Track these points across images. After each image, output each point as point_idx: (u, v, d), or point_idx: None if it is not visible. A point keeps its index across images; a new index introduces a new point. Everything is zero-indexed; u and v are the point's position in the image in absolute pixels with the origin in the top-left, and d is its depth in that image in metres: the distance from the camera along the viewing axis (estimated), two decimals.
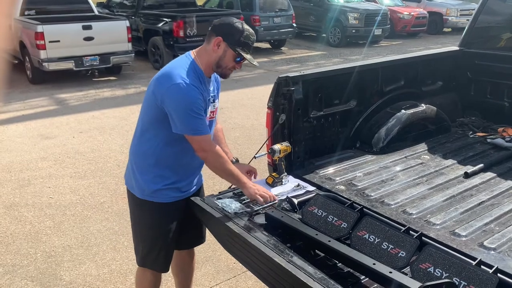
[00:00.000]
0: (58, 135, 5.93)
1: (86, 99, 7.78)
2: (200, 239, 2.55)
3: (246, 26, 2.09)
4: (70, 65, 8.24)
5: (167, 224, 2.24)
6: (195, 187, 2.34)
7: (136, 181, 2.20)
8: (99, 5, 11.84)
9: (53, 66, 8.10)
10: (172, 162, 2.16)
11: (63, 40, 8.12)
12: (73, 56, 8.21)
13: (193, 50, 2.15)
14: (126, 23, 8.89)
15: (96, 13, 9.96)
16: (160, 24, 9.88)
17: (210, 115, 2.18)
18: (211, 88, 2.17)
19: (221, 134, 2.47)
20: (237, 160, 2.42)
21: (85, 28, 8.33)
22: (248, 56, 2.08)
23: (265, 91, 2.86)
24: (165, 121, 2.04)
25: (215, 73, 2.18)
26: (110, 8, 11.85)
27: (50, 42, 7.97)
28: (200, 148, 2.07)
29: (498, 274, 1.64)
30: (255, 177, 2.43)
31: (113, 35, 8.69)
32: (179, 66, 2.05)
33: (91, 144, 5.61)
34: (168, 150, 2.12)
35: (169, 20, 9.69)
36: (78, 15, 9.39)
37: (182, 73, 2.00)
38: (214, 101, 2.21)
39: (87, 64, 8.46)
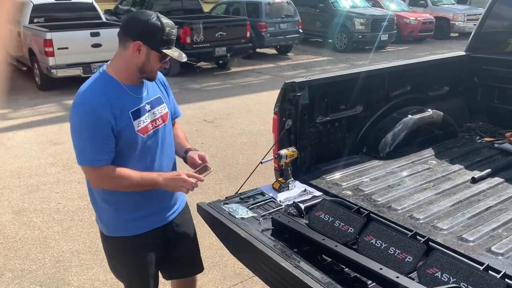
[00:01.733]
0: (66, 141, 5.98)
1: None
2: (198, 267, 2.30)
3: (164, 20, 1.79)
4: (78, 71, 8.31)
5: (142, 259, 2.00)
6: (174, 209, 2.08)
7: (99, 215, 1.98)
8: (106, 12, 11.96)
9: (61, 73, 8.18)
10: (123, 193, 1.87)
11: (72, 47, 8.21)
12: (81, 63, 8.29)
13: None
14: None
15: (104, 20, 10.06)
16: None
17: (151, 125, 1.89)
18: (143, 95, 1.88)
19: (179, 131, 2.20)
20: (191, 149, 2.12)
21: (93, 35, 8.41)
22: (175, 54, 1.81)
23: (272, 96, 2.87)
24: None
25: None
26: (117, 15, 11.98)
27: (58, 49, 8.06)
28: (91, 180, 1.83)
29: (506, 280, 1.63)
30: (205, 160, 2.04)
31: None
32: (85, 85, 1.81)
33: None
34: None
35: (176, 26, 9.74)
36: (86, 22, 9.49)
37: (86, 93, 1.76)
38: (153, 108, 1.91)
39: (95, 70, 8.46)
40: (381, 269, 1.66)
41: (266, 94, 8.19)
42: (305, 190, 2.47)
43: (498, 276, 1.64)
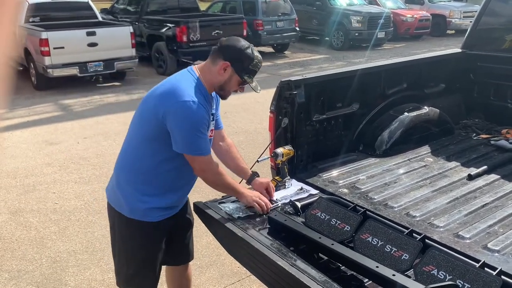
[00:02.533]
0: (62, 141, 5.96)
1: (90, 104, 7.83)
2: (192, 255, 2.43)
3: (256, 53, 2.02)
4: (74, 71, 8.29)
5: (157, 244, 2.15)
6: (185, 200, 2.28)
7: (125, 198, 2.06)
8: (102, 11, 11.90)
9: (57, 72, 8.16)
10: (166, 183, 2.06)
11: (68, 47, 8.18)
12: (77, 62, 8.26)
13: (196, 65, 2.08)
14: (130, 28, 8.94)
15: (100, 19, 10.03)
16: (164, 30, 9.93)
17: (211, 133, 2.12)
18: (212, 107, 2.09)
19: (235, 149, 2.37)
20: (256, 175, 2.34)
21: (89, 34, 8.38)
22: (253, 84, 2.04)
23: (268, 95, 2.86)
24: (165, 138, 1.94)
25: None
26: (113, 14, 11.93)
27: (54, 48, 8.02)
28: (200, 168, 2.02)
29: (502, 276, 1.63)
30: (272, 194, 2.31)
31: (117, 41, 8.74)
32: (185, 82, 1.96)
33: (95, 150, 5.63)
34: (164, 169, 2.02)
35: (173, 25, 9.74)
36: (82, 21, 9.46)
37: (189, 90, 1.92)
38: (214, 120, 2.14)
39: (91, 70, 8.51)
40: (377, 267, 1.66)
41: (263, 92, 8.06)
42: (301, 188, 2.46)
43: (494, 273, 1.65)
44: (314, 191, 2.44)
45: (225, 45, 2.02)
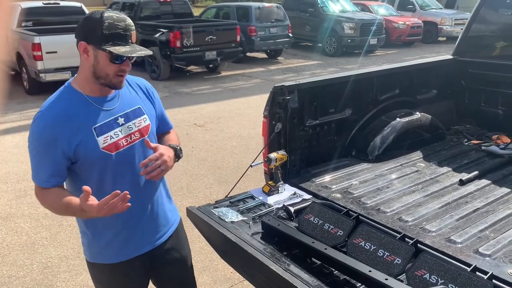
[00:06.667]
0: None
1: None
2: None
3: (106, 14, 1.57)
4: (67, 75, 8.23)
5: (128, 286, 1.85)
6: (163, 231, 1.86)
7: (82, 238, 1.83)
8: None
9: (50, 77, 8.12)
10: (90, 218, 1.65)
11: (60, 51, 8.15)
12: (70, 67, 8.22)
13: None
14: None
15: None
16: (157, 35, 9.94)
17: (126, 140, 1.68)
18: (115, 107, 1.68)
19: (173, 134, 1.98)
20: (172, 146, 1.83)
21: None
22: (122, 49, 1.55)
23: (262, 100, 2.88)
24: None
25: (132, 82, 1.81)
26: None
27: (47, 53, 8.00)
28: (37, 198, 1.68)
29: (493, 280, 1.65)
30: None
31: None
32: (49, 98, 1.66)
33: None
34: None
35: (166, 30, 9.75)
36: (75, 26, 9.42)
37: (46, 106, 1.62)
38: (128, 121, 1.70)
39: None
40: (370, 271, 1.67)
41: (256, 98, 8.20)
42: (295, 193, 2.47)
43: (485, 277, 1.66)
44: (307, 196, 2.45)
45: (76, 28, 1.65)
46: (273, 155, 2.48)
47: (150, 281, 1.99)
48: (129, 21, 1.64)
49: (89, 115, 1.62)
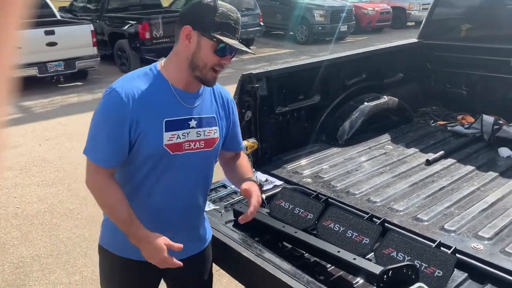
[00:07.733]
0: (23, 144, 5.78)
1: (52, 105, 7.61)
2: None
3: (220, 2, 1.48)
4: (33, 71, 8.03)
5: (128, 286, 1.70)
6: (188, 248, 1.60)
7: (104, 222, 1.68)
8: (61, 9, 11.56)
9: (15, 73, 7.88)
10: (133, 206, 1.49)
11: (25, 46, 7.90)
12: (36, 63, 8.00)
13: (162, 62, 1.56)
14: (90, 27, 8.73)
15: (59, 17, 9.74)
16: (126, 27, 9.76)
17: (187, 145, 1.52)
18: (194, 106, 1.54)
19: (245, 161, 1.84)
20: (251, 179, 1.70)
21: (48, 33, 8.14)
22: (231, 41, 1.45)
23: (232, 90, 2.87)
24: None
25: (216, 90, 1.65)
26: (73, 13, 11.61)
27: None
28: (86, 178, 1.55)
29: (457, 254, 1.71)
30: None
31: (77, 39, 8.52)
32: (130, 74, 1.53)
33: (58, 152, 5.49)
34: (125, 189, 1.52)
35: (135, 22, 9.58)
36: (39, 20, 9.16)
37: (123, 79, 1.50)
38: (199, 127, 1.54)
39: (52, 70, 8.27)
40: (338, 252, 1.70)
41: (229, 88, 8.04)
42: (266, 180, 2.49)
43: (449, 251, 1.72)
44: (278, 182, 2.47)
45: (182, 11, 1.57)
46: (243, 143, 2.48)
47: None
48: (239, 15, 1.54)
49: (166, 105, 1.48)
